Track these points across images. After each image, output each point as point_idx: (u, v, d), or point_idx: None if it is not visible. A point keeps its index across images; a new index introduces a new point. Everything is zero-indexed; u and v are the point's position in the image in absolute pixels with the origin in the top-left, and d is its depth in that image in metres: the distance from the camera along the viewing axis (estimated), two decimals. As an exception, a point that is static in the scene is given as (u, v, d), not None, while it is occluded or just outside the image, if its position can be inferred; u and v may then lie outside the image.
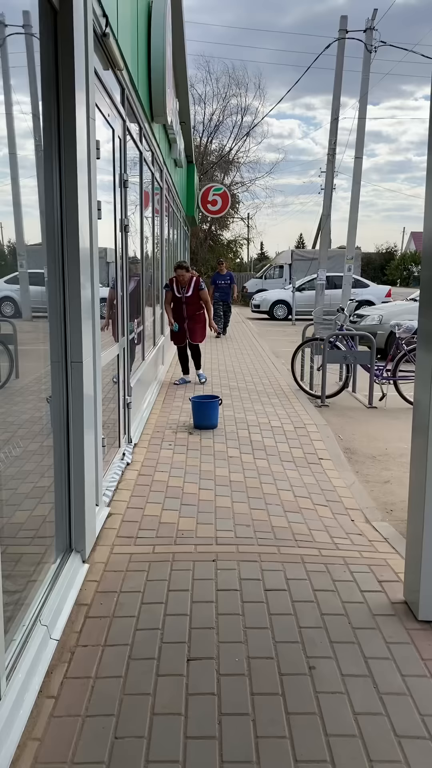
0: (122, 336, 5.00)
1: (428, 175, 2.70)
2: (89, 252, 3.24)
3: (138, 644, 2.58)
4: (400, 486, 5.00)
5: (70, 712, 2.19)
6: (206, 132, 34.43)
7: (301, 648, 2.58)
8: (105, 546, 3.47)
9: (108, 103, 4.19)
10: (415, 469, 2.84)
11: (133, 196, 5.74)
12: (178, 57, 10.50)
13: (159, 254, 9.33)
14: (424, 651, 2.57)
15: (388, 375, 8.19)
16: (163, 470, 4.83)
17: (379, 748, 2.06)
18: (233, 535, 3.67)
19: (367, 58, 15.66)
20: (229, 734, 2.10)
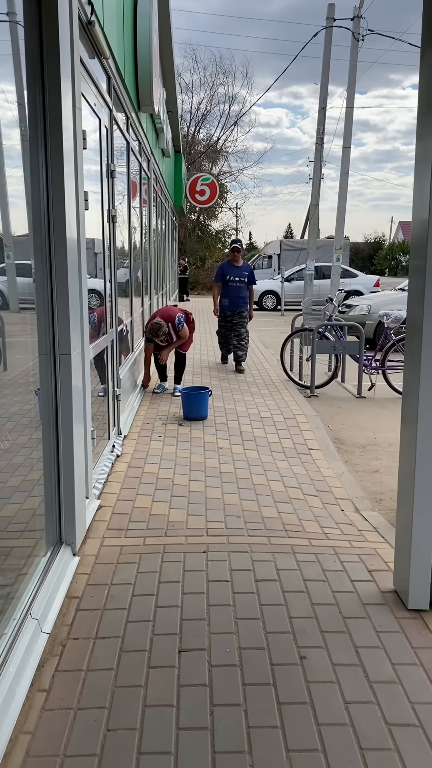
0: (111, 328, 4.97)
1: (416, 164, 2.70)
2: (77, 243, 3.21)
3: (129, 636, 2.58)
4: (389, 475, 5.02)
5: (61, 705, 2.19)
6: (194, 121, 34.29)
7: (292, 638, 2.59)
8: (95, 538, 3.47)
9: (94, 92, 4.15)
10: (405, 459, 2.85)
11: (120, 186, 5.70)
12: (165, 45, 10.41)
13: (147, 245, 9.29)
14: (413, 639, 2.59)
15: (376, 365, 8.22)
16: (153, 462, 4.82)
17: (370, 736, 2.07)
18: (224, 526, 3.68)
19: (354, 47, 15.61)
20: (220, 725, 2.11)
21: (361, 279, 21.75)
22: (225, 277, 9.01)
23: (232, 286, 9.03)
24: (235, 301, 9.06)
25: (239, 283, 9.01)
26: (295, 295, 20.68)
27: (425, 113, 2.59)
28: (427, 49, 2.56)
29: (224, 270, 9.05)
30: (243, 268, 9.10)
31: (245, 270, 9.08)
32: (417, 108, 2.67)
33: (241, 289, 9.03)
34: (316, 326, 8.12)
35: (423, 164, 2.62)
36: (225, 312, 9.16)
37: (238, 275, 9.00)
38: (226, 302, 9.08)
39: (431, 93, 2.52)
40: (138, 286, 7.83)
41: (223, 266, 9.12)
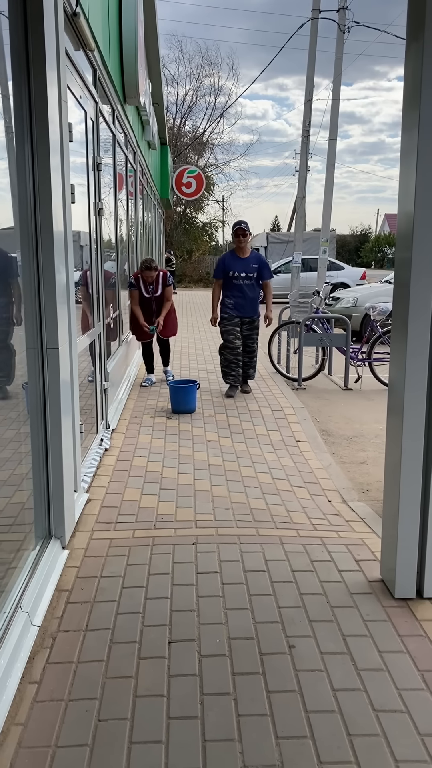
0: (98, 321, 4.97)
1: (402, 157, 2.72)
2: (63, 235, 3.20)
3: (119, 628, 2.60)
4: (375, 466, 5.07)
5: (53, 696, 2.21)
6: (179, 113, 34.17)
7: (281, 627, 2.62)
8: (84, 532, 3.48)
9: (80, 84, 4.13)
10: (391, 450, 2.88)
11: (106, 178, 5.68)
12: (150, 37, 10.35)
13: (134, 237, 9.25)
14: (400, 627, 2.63)
15: (363, 357, 8.27)
16: (141, 455, 4.84)
17: (358, 722, 2.11)
18: (212, 518, 3.70)
19: (340, 39, 15.60)
20: (211, 714, 2.14)
21: (347, 271, 21.79)
22: (227, 273, 6.80)
23: (236, 285, 6.78)
24: (242, 304, 6.80)
25: (247, 280, 6.78)
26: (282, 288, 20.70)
27: (410, 106, 2.60)
28: (412, 43, 2.58)
29: (225, 263, 6.85)
30: (251, 259, 6.83)
31: (254, 261, 6.84)
32: (402, 101, 2.68)
33: (250, 288, 6.82)
34: (303, 319, 8.15)
35: (408, 157, 2.64)
36: (228, 320, 6.83)
37: (245, 269, 6.79)
38: (230, 306, 6.81)
39: (416, 86, 2.53)
40: (125, 279, 7.81)
41: (224, 258, 6.92)
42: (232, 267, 6.83)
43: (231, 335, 6.87)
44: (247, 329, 6.98)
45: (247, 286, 6.81)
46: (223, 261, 6.90)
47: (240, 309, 6.85)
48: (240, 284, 6.79)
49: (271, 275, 7.02)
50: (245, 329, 6.96)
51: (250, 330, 7.01)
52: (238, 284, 6.80)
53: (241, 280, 6.79)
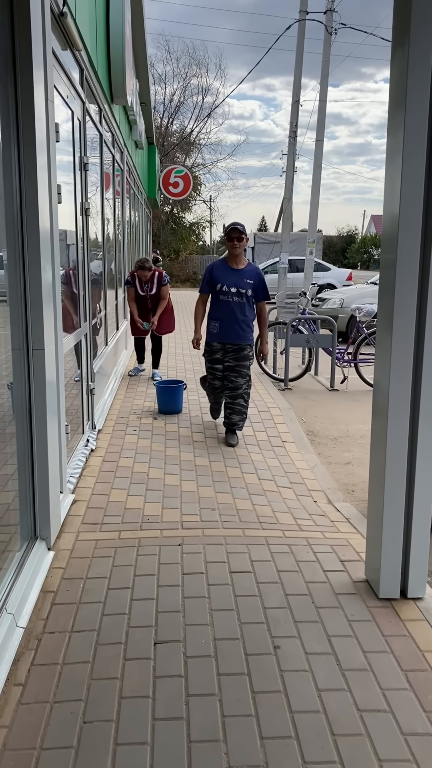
0: (84, 321, 4.95)
1: (388, 159, 2.74)
2: (50, 235, 3.19)
3: (105, 629, 2.60)
4: (360, 467, 5.10)
5: (38, 698, 2.20)
6: (167, 113, 34.10)
7: (266, 628, 2.63)
8: (70, 533, 3.47)
9: (67, 84, 4.11)
10: (376, 451, 2.90)
11: (93, 178, 5.66)
12: (138, 36, 10.33)
13: (121, 236, 9.23)
14: (384, 628, 2.65)
15: (349, 358, 8.31)
16: (128, 456, 4.83)
17: (342, 722, 2.12)
18: (199, 519, 3.71)
19: (327, 40, 15.65)
20: (196, 714, 2.14)
21: (334, 272, 21.88)
22: (215, 286, 5.23)
23: (225, 302, 5.20)
24: (231, 326, 5.22)
25: (238, 297, 5.18)
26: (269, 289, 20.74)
27: (396, 109, 2.62)
28: (397, 47, 2.60)
29: (214, 273, 5.29)
30: (247, 272, 5.25)
31: (250, 276, 5.24)
32: (388, 104, 2.70)
33: (240, 308, 5.20)
34: (289, 320, 8.17)
35: (394, 159, 2.66)
36: (212, 345, 5.32)
37: (237, 284, 5.18)
38: (215, 328, 5.27)
39: (402, 90, 2.55)
40: (111, 278, 7.79)
41: (213, 268, 5.35)
42: (220, 279, 5.20)
43: (210, 372, 5.38)
44: (231, 359, 5.23)
45: (236, 305, 5.17)
46: (210, 271, 5.31)
47: (227, 334, 5.21)
48: (228, 302, 5.17)
49: (267, 297, 5.35)
50: (229, 359, 5.24)
51: (236, 360, 5.22)
52: (226, 302, 5.17)
53: (230, 297, 5.16)
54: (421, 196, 2.59)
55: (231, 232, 5.18)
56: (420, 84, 2.51)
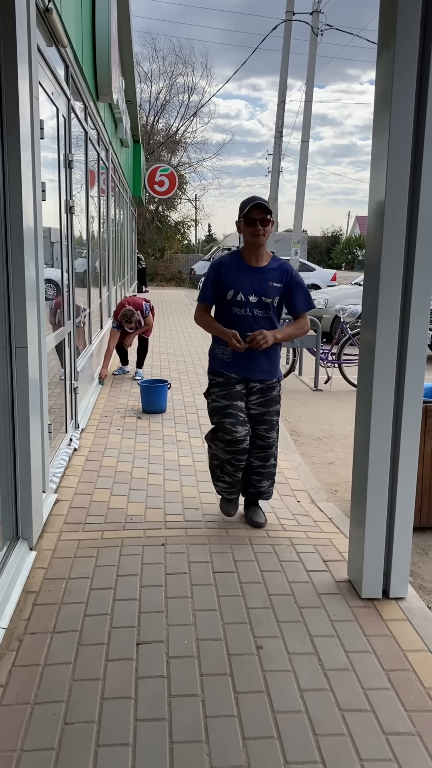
0: (68, 320, 4.93)
1: (372, 161, 2.75)
2: (33, 232, 3.17)
3: (87, 630, 2.58)
4: (344, 467, 5.12)
5: (18, 700, 2.18)
6: (153, 111, 34.02)
7: (249, 628, 2.63)
8: (53, 533, 3.44)
9: (52, 80, 4.09)
10: (359, 451, 2.91)
11: (78, 175, 5.63)
12: (124, 34, 10.29)
13: (105, 235, 9.19)
14: (366, 627, 2.66)
15: (333, 358, 8.34)
16: (111, 455, 4.81)
17: (324, 722, 2.12)
18: (182, 519, 3.70)
19: (313, 42, 15.70)
20: (178, 715, 2.13)
21: (318, 273, 21.95)
22: (225, 293, 3.47)
23: (241, 318, 3.46)
24: (252, 355, 3.48)
25: (261, 310, 3.45)
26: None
27: (381, 111, 2.63)
28: (383, 50, 2.61)
29: (222, 274, 3.48)
30: (272, 270, 3.47)
31: (277, 276, 3.46)
32: (373, 105, 2.71)
33: (266, 325, 3.47)
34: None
35: (379, 161, 2.67)
36: (223, 386, 3.54)
37: (259, 289, 3.43)
38: (225, 359, 3.53)
39: (387, 92, 2.56)
40: (96, 276, 7.76)
41: (222, 265, 3.51)
42: (233, 283, 3.41)
43: (229, 417, 3.44)
44: (257, 402, 3.53)
45: (258, 323, 3.41)
46: (217, 270, 3.47)
47: (244, 365, 3.46)
48: (246, 317, 3.41)
49: (310, 303, 3.54)
50: (254, 403, 3.53)
51: (264, 405, 3.53)
52: (243, 317, 3.41)
53: (248, 309, 3.40)
54: (406, 197, 2.61)
55: (252, 211, 3.26)
56: (405, 86, 2.52)
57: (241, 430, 3.43)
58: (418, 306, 2.67)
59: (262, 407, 3.55)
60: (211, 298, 3.54)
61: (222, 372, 3.53)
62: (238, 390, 3.50)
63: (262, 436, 3.58)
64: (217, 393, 3.53)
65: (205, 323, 3.56)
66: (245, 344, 3.27)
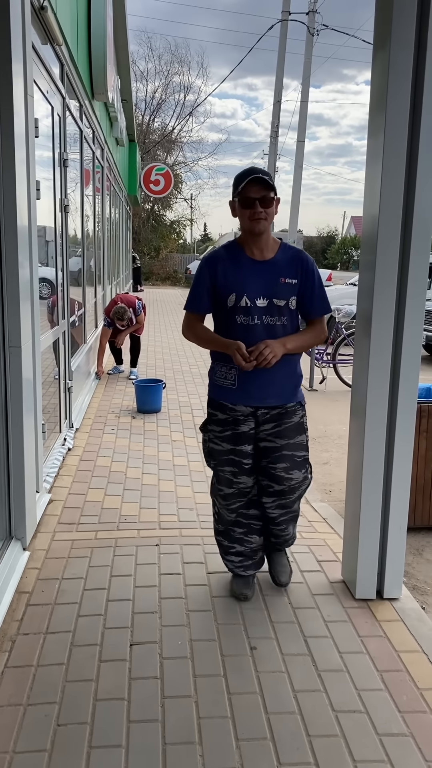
0: (63, 319, 4.91)
1: (368, 161, 2.74)
2: (28, 231, 3.15)
3: (80, 631, 2.57)
4: (338, 467, 5.12)
5: (11, 701, 2.17)
6: (148, 110, 33.96)
7: (243, 629, 2.62)
8: (46, 533, 3.43)
9: (47, 79, 4.07)
10: (353, 451, 2.91)
11: (73, 174, 5.62)
12: (120, 32, 10.27)
13: (100, 234, 9.17)
14: (360, 628, 2.66)
15: (328, 359, 8.34)
16: (105, 455, 4.79)
17: (318, 723, 2.12)
18: (177, 519, 3.69)
19: (309, 42, 15.71)
20: (171, 716, 2.13)
21: (314, 273, 21.89)
22: (224, 298, 2.62)
23: (246, 328, 2.61)
24: (263, 374, 2.61)
25: (272, 316, 2.61)
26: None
27: (377, 112, 2.63)
28: (378, 51, 2.61)
29: (219, 272, 2.63)
30: (282, 262, 2.63)
31: (289, 270, 2.63)
32: (369, 106, 2.71)
33: (282, 332, 2.63)
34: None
35: (374, 161, 2.67)
36: (223, 423, 2.72)
37: (268, 289, 2.60)
38: (228, 381, 2.69)
39: (383, 92, 2.56)
40: (91, 275, 7.74)
41: (218, 261, 2.65)
42: (234, 283, 2.62)
43: (231, 465, 2.74)
44: (271, 432, 2.71)
45: (270, 332, 2.63)
46: (211, 266, 2.67)
47: (253, 391, 2.67)
48: (255, 327, 2.62)
49: (326, 308, 2.74)
50: (267, 433, 2.71)
51: (282, 435, 2.70)
52: (252, 327, 2.62)
53: (255, 317, 2.61)
54: (401, 198, 2.61)
55: (248, 188, 2.49)
56: (400, 86, 2.52)
57: (246, 481, 2.74)
58: (412, 306, 2.67)
59: (280, 438, 2.66)
60: (205, 306, 2.69)
61: (223, 404, 2.69)
62: (245, 431, 2.67)
63: (279, 477, 2.67)
64: (217, 433, 2.73)
65: (196, 336, 2.72)
66: (252, 361, 2.48)
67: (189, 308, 2.74)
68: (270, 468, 2.71)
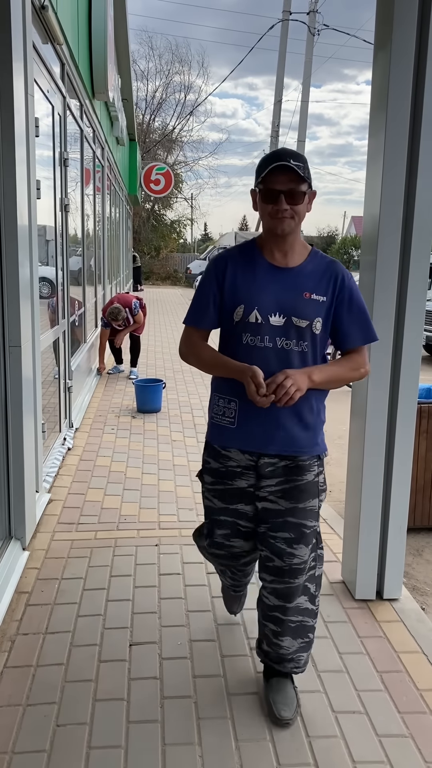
0: (63, 318, 4.91)
1: (368, 162, 2.74)
2: (28, 231, 3.15)
3: (80, 631, 2.57)
4: (338, 467, 5.11)
5: (10, 701, 2.17)
6: (149, 109, 33.96)
7: (243, 629, 2.62)
8: (46, 533, 3.43)
9: (47, 78, 4.07)
10: (353, 451, 2.90)
11: (73, 173, 5.61)
12: (120, 31, 10.26)
13: (100, 233, 9.17)
14: (360, 629, 2.66)
15: (328, 359, 8.33)
16: (105, 455, 4.79)
17: (317, 724, 2.12)
18: (176, 519, 3.69)
19: (310, 41, 15.70)
20: (171, 717, 2.12)
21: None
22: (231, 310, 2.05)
23: (255, 351, 2.01)
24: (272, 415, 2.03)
25: (289, 339, 2.01)
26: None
27: (378, 111, 2.63)
28: (379, 51, 2.60)
29: (228, 278, 2.05)
30: (308, 273, 2.04)
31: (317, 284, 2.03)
32: (370, 106, 2.71)
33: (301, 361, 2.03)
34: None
35: (375, 161, 2.66)
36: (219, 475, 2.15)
37: (288, 303, 2.00)
38: (228, 416, 2.11)
39: (383, 92, 2.55)
40: (91, 275, 7.74)
41: (226, 262, 2.08)
42: (246, 294, 2.03)
43: (223, 527, 2.20)
44: (275, 491, 2.09)
45: (288, 360, 2.02)
46: (220, 271, 2.08)
47: (256, 433, 2.07)
48: (266, 352, 2.02)
49: (370, 332, 2.12)
50: (269, 491, 2.10)
51: (288, 496, 2.08)
52: (262, 352, 2.02)
53: (269, 339, 2.01)
54: (402, 198, 2.60)
55: (272, 178, 1.96)
56: (401, 86, 2.52)
57: (242, 544, 2.20)
58: (413, 307, 2.67)
59: (285, 499, 2.07)
60: (213, 318, 2.10)
61: (217, 449, 2.14)
62: (241, 486, 2.11)
63: (279, 551, 2.07)
64: (209, 486, 2.19)
65: (199, 358, 2.14)
66: (269, 395, 1.88)
67: (190, 322, 2.14)
68: (269, 537, 2.09)
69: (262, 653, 2.22)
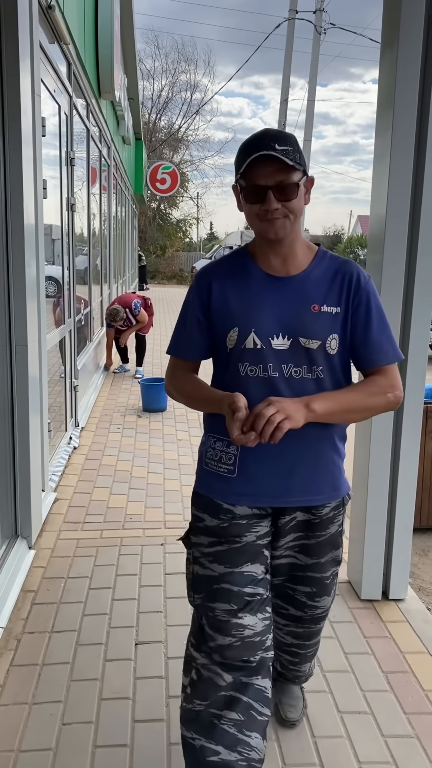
0: (69, 317, 4.92)
1: (375, 161, 2.73)
2: (34, 230, 3.16)
3: (85, 630, 2.57)
4: (345, 467, 5.10)
5: (16, 700, 2.18)
6: (155, 108, 33.97)
7: (248, 629, 2.61)
8: (52, 531, 3.44)
9: (54, 78, 4.07)
10: (359, 451, 2.90)
11: (79, 173, 5.62)
12: (127, 31, 10.27)
13: (106, 232, 9.18)
14: (366, 629, 2.65)
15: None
16: (111, 454, 4.80)
17: (323, 724, 2.11)
18: (182, 518, 3.69)
19: (316, 40, 15.67)
20: (176, 716, 2.12)
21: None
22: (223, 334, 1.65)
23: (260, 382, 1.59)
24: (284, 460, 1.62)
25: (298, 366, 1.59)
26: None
27: (384, 110, 2.62)
28: (386, 48, 2.59)
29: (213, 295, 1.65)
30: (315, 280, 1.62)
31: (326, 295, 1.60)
32: (376, 105, 2.70)
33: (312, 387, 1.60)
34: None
35: (381, 160, 2.65)
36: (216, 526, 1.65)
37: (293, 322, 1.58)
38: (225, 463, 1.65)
39: (390, 91, 2.55)
40: (97, 274, 7.75)
41: (211, 278, 1.67)
42: (238, 314, 1.62)
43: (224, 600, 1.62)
44: (294, 547, 1.78)
45: (294, 387, 1.60)
46: (204, 290, 1.67)
47: (263, 480, 1.64)
48: (270, 382, 1.60)
49: (395, 351, 1.65)
50: (288, 547, 1.77)
51: (311, 552, 1.78)
52: (265, 382, 1.60)
53: (273, 368, 1.59)
54: (408, 197, 2.59)
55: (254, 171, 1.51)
56: (408, 85, 2.51)
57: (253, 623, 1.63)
58: (419, 305, 2.66)
59: (306, 555, 1.79)
60: (200, 346, 1.74)
61: (214, 502, 1.68)
62: (251, 541, 1.66)
63: (299, 603, 1.86)
64: (205, 548, 1.69)
65: (182, 392, 1.75)
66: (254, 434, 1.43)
67: (172, 352, 1.79)
68: (287, 588, 1.84)
69: (275, 672, 2.08)
